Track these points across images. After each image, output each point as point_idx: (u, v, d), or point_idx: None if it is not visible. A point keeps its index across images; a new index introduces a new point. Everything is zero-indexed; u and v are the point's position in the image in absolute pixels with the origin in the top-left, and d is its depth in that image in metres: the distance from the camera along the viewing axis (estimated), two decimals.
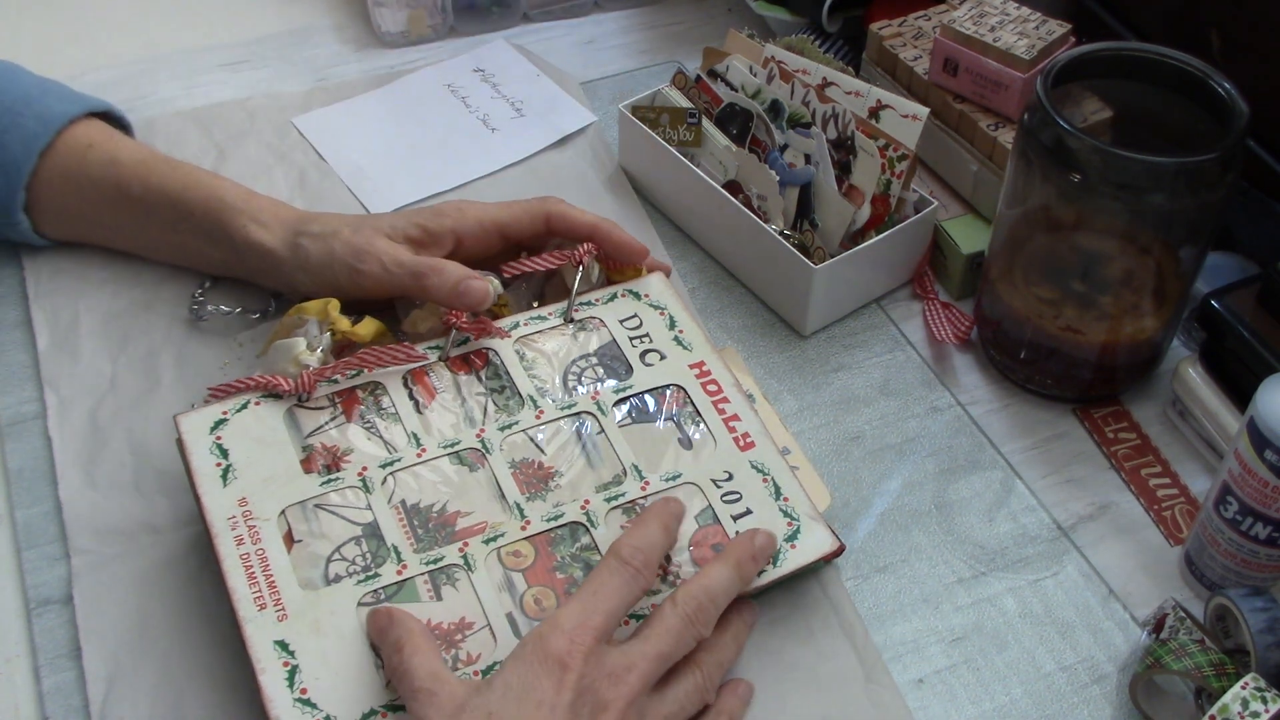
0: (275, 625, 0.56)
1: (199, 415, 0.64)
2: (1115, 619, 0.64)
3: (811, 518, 0.62)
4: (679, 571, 0.59)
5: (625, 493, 0.62)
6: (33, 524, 0.66)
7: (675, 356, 0.68)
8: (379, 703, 0.54)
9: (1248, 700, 0.54)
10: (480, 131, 0.91)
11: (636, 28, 1.04)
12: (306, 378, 0.64)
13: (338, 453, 0.63)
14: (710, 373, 0.67)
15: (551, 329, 0.69)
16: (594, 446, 0.64)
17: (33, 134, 0.73)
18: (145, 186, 0.73)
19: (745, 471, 0.63)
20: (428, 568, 0.59)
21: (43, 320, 0.76)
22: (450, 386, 0.66)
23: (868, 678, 0.61)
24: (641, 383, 0.67)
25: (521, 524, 0.61)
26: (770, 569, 0.60)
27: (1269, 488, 0.58)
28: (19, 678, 0.60)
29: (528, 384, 0.66)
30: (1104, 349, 0.72)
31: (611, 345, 0.69)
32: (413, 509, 0.61)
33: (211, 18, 1.02)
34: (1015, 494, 0.70)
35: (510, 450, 0.63)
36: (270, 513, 0.60)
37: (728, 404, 0.66)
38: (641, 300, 0.71)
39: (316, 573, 0.58)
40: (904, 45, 0.86)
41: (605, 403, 0.66)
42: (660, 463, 0.64)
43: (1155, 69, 0.68)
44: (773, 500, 0.62)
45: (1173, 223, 0.69)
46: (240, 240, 0.72)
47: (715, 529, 0.61)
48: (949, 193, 0.83)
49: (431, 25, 1.00)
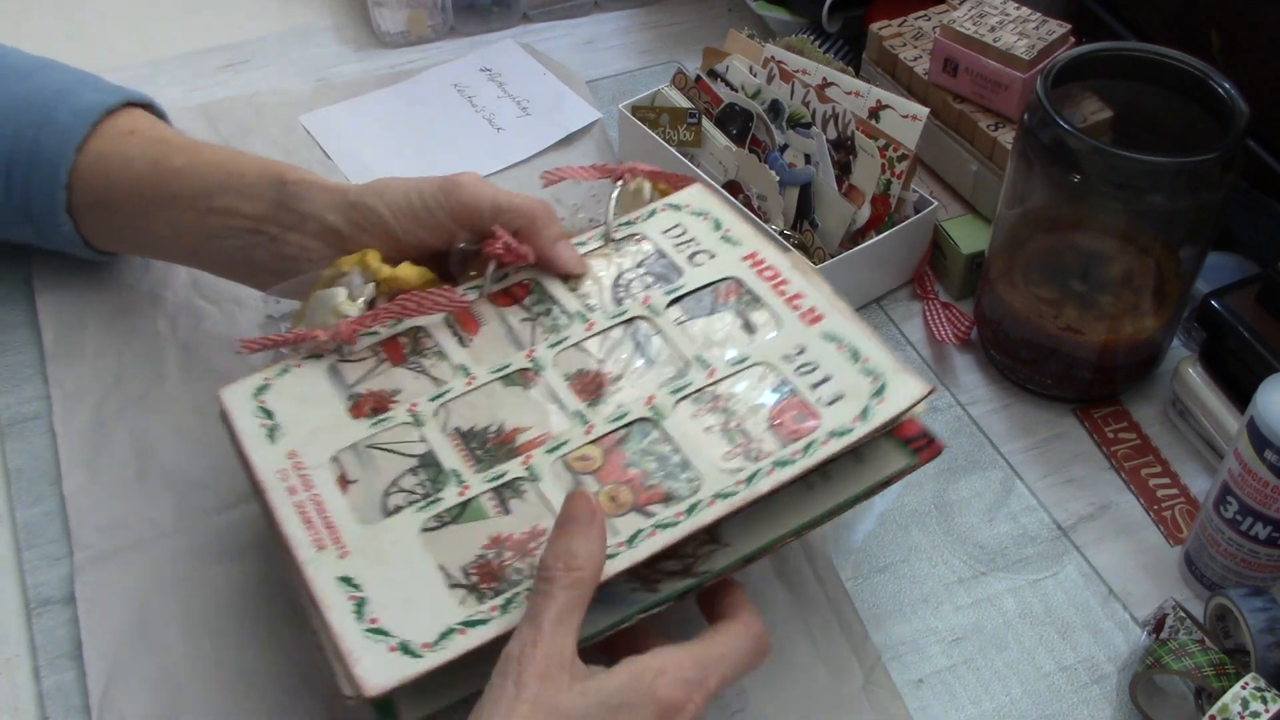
0: (337, 562, 0.53)
1: (240, 385, 0.61)
2: (1115, 619, 0.64)
3: (895, 370, 0.57)
4: (760, 447, 0.55)
5: (691, 383, 0.58)
6: (33, 524, 0.66)
7: (725, 253, 0.64)
8: (455, 620, 0.51)
9: (1248, 700, 0.54)
10: (486, 130, 0.91)
11: (636, 28, 1.04)
12: (345, 327, 0.61)
13: (385, 395, 0.60)
14: (765, 260, 0.63)
15: (592, 251, 0.66)
16: (651, 347, 0.60)
17: (69, 129, 0.70)
18: (191, 158, 0.69)
19: (817, 343, 0.59)
20: (491, 484, 0.56)
21: (48, 316, 0.76)
22: (494, 318, 0.63)
23: (867, 678, 0.61)
24: (692, 280, 0.63)
25: (584, 429, 0.57)
26: (860, 423, 0.55)
27: (1269, 488, 0.58)
28: (19, 678, 0.60)
29: (574, 302, 0.63)
30: (1104, 349, 0.72)
31: (657, 255, 0.65)
32: (469, 434, 0.58)
33: (212, 18, 1.02)
34: (1015, 494, 0.70)
35: (563, 364, 0.60)
36: (321, 459, 0.57)
37: (787, 284, 0.62)
38: (682, 210, 0.67)
39: (375, 508, 0.55)
40: (904, 45, 0.86)
41: (658, 305, 0.62)
42: (724, 351, 0.60)
43: (1155, 69, 0.68)
44: (851, 363, 0.58)
45: (1173, 223, 0.68)
46: (295, 180, 0.66)
47: (793, 400, 0.57)
48: (949, 193, 0.83)
49: (431, 25, 1.00)
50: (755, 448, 0.55)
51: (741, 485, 0.53)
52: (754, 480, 0.54)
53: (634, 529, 0.53)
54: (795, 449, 0.54)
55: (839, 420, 0.55)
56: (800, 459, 0.54)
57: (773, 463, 0.54)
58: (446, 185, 0.64)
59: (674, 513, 0.53)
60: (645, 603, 0.53)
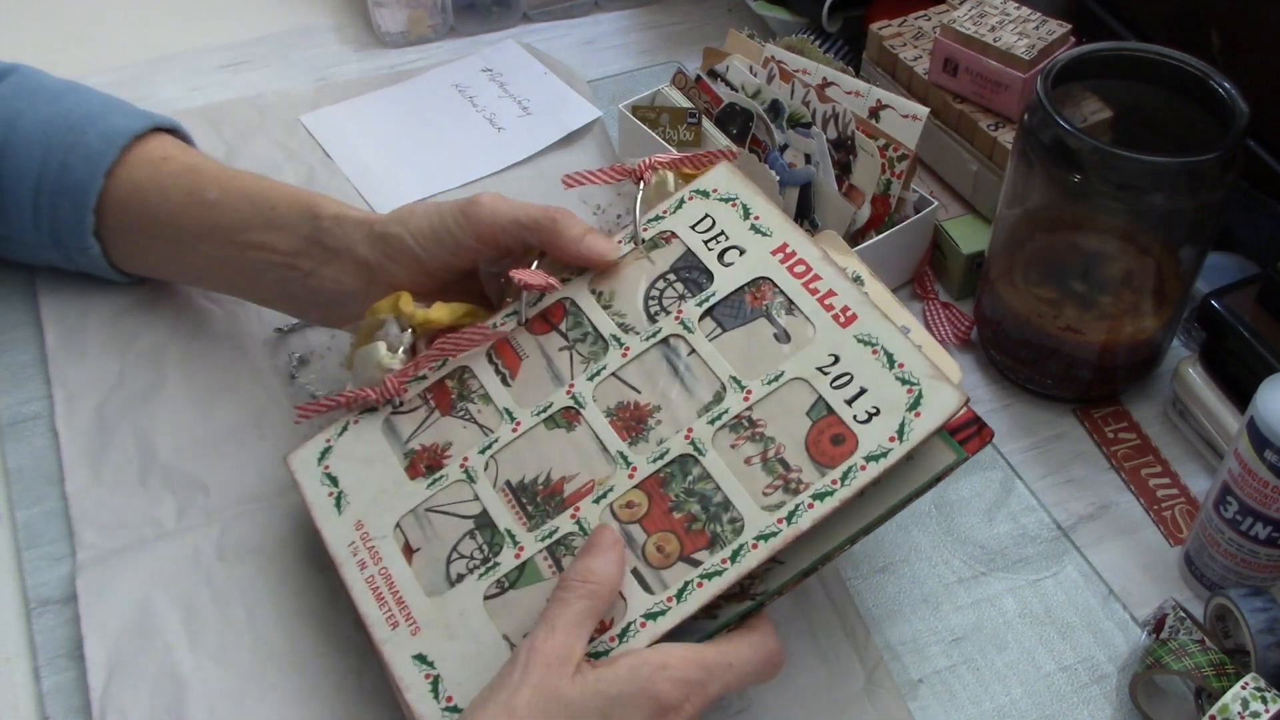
0: (410, 640, 0.56)
1: (305, 450, 0.63)
2: (1115, 619, 0.64)
3: (933, 377, 0.56)
4: (799, 477, 0.55)
5: (728, 409, 0.58)
6: (33, 524, 0.66)
7: (755, 247, 0.63)
8: None
9: (1248, 700, 0.54)
10: (487, 130, 0.91)
11: (636, 28, 1.04)
12: (391, 383, 0.63)
13: (438, 450, 0.62)
14: (795, 253, 0.62)
15: (623, 257, 0.65)
16: (687, 369, 0.60)
17: (98, 153, 0.70)
18: (223, 189, 0.70)
19: (851, 348, 0.58)
20: (544, 543, 0.57)
21: (51, 316, 0.76)
22: (534, 350, 0.63)
23: (869, 679, 0.61)
24: (724, 286, 0.62)
25: (628, 472, 0.58)
26: (897, 444, 0.55)
27: (1269, 488, 0.58)
28: (19, 678, 0.60)
29: (608, 324, 0.63)
30: (1104, 349, 0.72)
31: (687, 255, 0.64)
32: (519, 487, 0.59)
33: (211, 18, 1.02)
34: (1015, 494, 0.70)
35: (603, 398, 0.60)
36: (386, 529, 0.60)
37: (819, 281, 0.61)
38: (710, 197, 0.65)
39: (439, 576, 0.58)
40: (904, 45, 0.86)
41: (690, 319, 0.61)
42: (759, 366, 0.59)
43: (1155, 69, 0.68)
44: (886, 370, 0.57)
45: (1173, 223, 0.68)
46: (328, 216, 0.67)
47: (830, 419, 0.56)
48: (949, 193, 0.83)
49: (431, 25, 1.00)
50: (795, 478, 0.55)
51: (783, 524, 0.54)
52: (795, 518, 0.54)
53: (681, 581, 0.54)
54: (833, 477, 0.55)
55: (876, 440, 0.55)
56: (839, 489, 0.54)
57: (812, 496, 0.55)
58: (466, 208, 0.64)
59: (719, 560, 0.54)
60: (706, 630, 0.54)
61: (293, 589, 0.63)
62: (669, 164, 0.67)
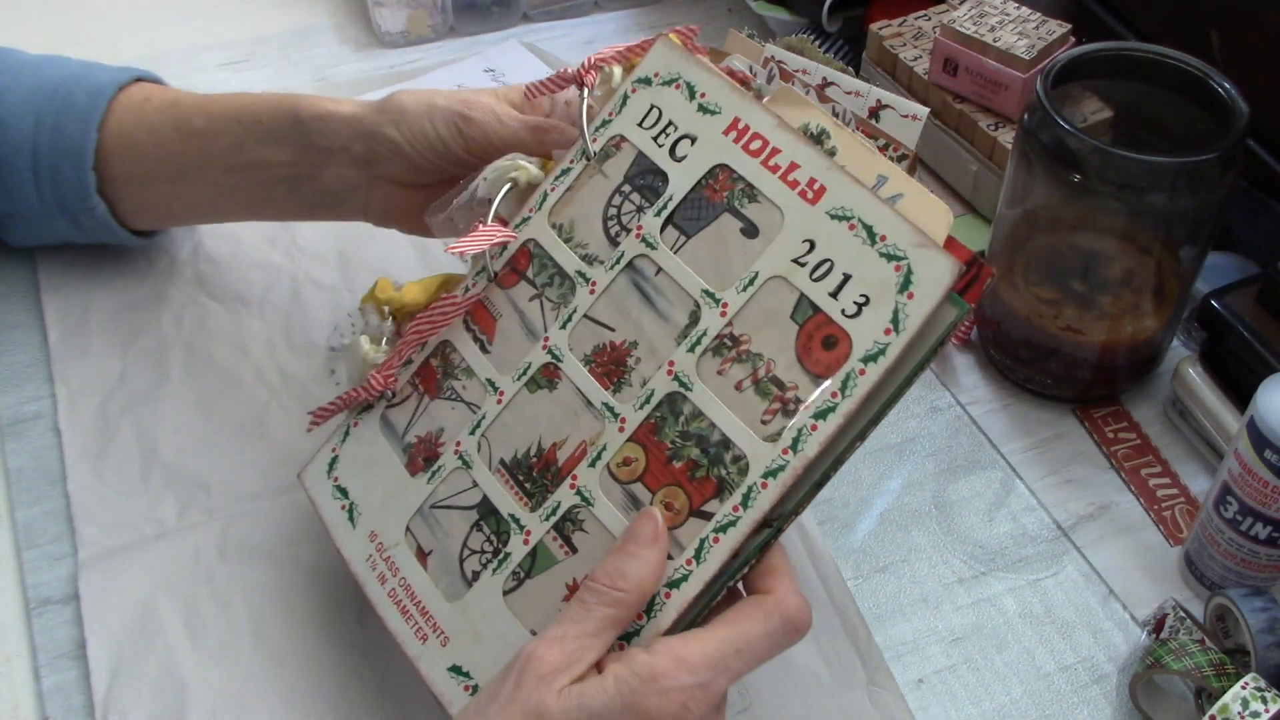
0: (442, 652, 0.54)
1: (315, 465, 0.62)
2: (1115, 619, 0.64)
3: (919, 245, 0.50)
4: (796, 395, 0.50)
5: (706, 329, 0.53)
6: (33, 524, 0.66)
7: (705, 131, 0.57)
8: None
9: (1248, 700, 0.54)
10: None
11: (636, 28, 1.04)
12: (376, 379, 0.60)
13: (432, 439, 0.59)
14: (748, 128, 0.56)
15: (578, 178, 0.60)
16: (657, 292, 0.55)
17: (87, 109, 0.71)
18: (208, 115, 0.70)
19: (826, 228, 0.52)
20: (549, 522, 0.54)
21: (54, 314, 0.76)
22: (506, 306, 0.59)
23: (870, 679, 0.61)
24: (680, 186, 0.56)
25: (617, 425, 0.54)
26: (894, 336, 0.49)
27: (1269, 488, 0.58)
28: (19, 677, 0.60)
29: (571, 260, 0.58)
30: (1104, 349, 0.72)
31: (639, 159, 0.58)
32: (513, 465, 0.56)
33: (211, 17, 1.02)
34: (1015, 494, 0.70)
35: (579, 345, 0.56)
36: (397, 536, 0.58)
37: (779, 155, 0.54)
38: (653, 84, 0.59)
39: (455, 578, 0.56)
40: (904, 45, 0.86)
41: (651, 233, 0.56)
42: (730, 271, 0.54)
43: (1155, 69, 0.68)
44: (868, 246, 0.51)
45: (1173, 223, 0.69)
46: (311, 116, 0.66)
47: (819, 319, 0.51)
48: (949, 193, 0.83)
49: (431, 25, 1.00)
50: (792, 396, 0.51)
51: (789, 454, 0.50)
52: (799, 444, 0.50)
53: (696, 539, 0.51)
54: (832, 389, 0.50)
55: (870, 336, 0.50)
56: (840, 402, 0.50)
57: (813, 416, 0.50)
58: (462, 123, 0.63)
59: (730, 508, 0.50)
60: (730, 569, 0.50)
61: (294, 588, 0.63)
62: (614, 57, 0.61)
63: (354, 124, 0.66)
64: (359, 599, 0.59)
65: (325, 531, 0.60)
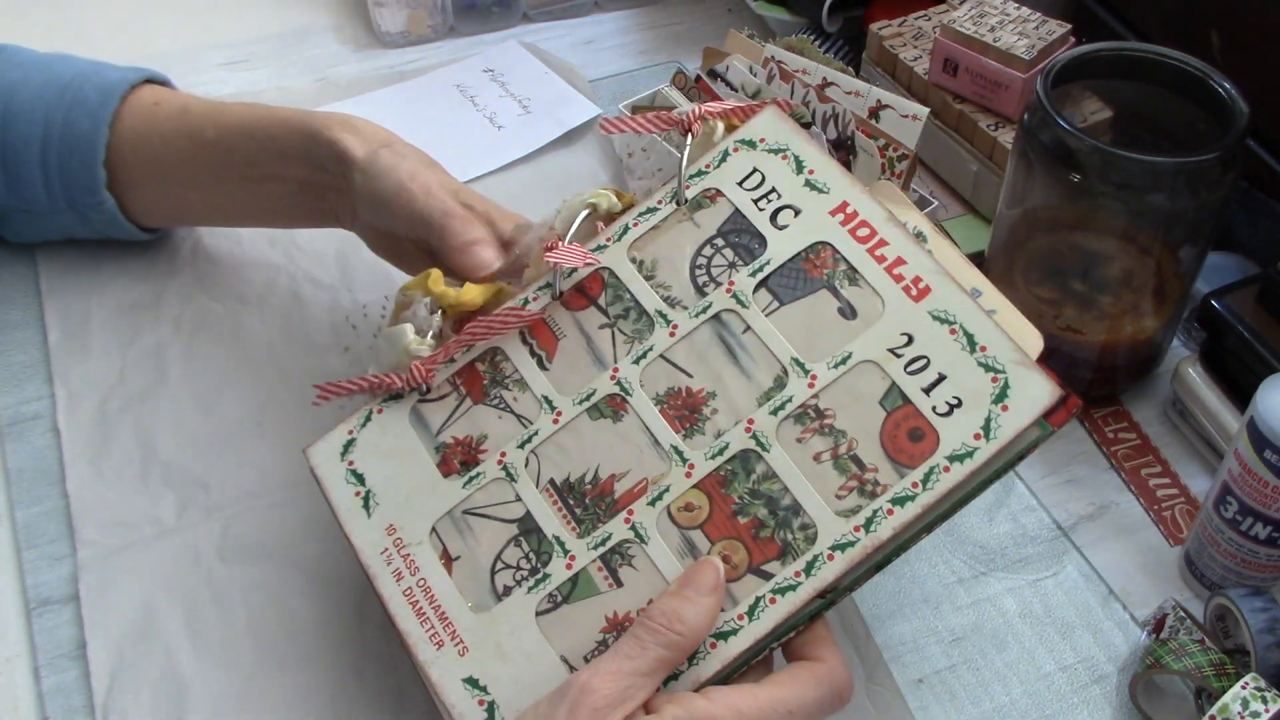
0: (459, 661, 0.52)
1: (327, 443, 0.59)
2: (1115, 619, 0.64)
3: (1020, 364, 0.50)
4: (876, 478, 0.51)
5: (791, 397, 0.53)
6: (33, 524, 0.66)
7: (811, 206, 0.57)
8: None
9: (1248, 700, 0.54)
10: (486, 128, 0.92)
11: (636, 28, 1.04)
12: (418, 369, 0.58)
13: (472, 444, 0.57)
14: (857, 213, 0.56)
15: (665, 220, 0.59)
16: (743, 350, 0.55)
17: (98, 105, 0.71)
18: (219, 127, 0.70)
19: (926, 326, 0.52)
20: (597, 551, 0.53)
21: (54, 314, 0.76)
22: (572, 328, 0.58)
23: (869, 678, 0.61)
24: (779, 253, 0.56)
25: (685, 470, 0.53)
26: (984, 443, 0.50)
27: (1269, 488, 0.58)
28: (19, 677, 0.60)
29: (652, 298, 0.57)
30: (1104, 349, 0.72)
31: (735, 216, 0.58)
32: (564, 486, 0.55)
33: (211, 17, 1.02)
34: (1015, 494, 0.70)
35: (651, 383, 0.56)
36: (421, 534, 0.55)
37: (885, 246, 0.55)
38: (758, 149, 0.59)
39: (484, 589, 0.54)
40: (904, 45, 0.86)
41: (743, 291, 0.56)
42: (823, 345, 0.54)
43: (1155, 69, 0.68)
44: (966, 354, 0.51)
45: (1173, 223, 0.68)
46: (325, 141, 0.67)
47: (907, 410, 0.51)
48: (949, 193, 0.83)
49: (431, 25, 1.00)
50: (871, 479, 0.51)
51: (860, 532, 0.50)
52: (873, 525, 0.50)
53: (753, 597, 0.50)
54: (914, 480, 0.50)
55: (959, 437, 0.50)
56: (920, 494, 0.50)
57: (890, 500, 0.50)
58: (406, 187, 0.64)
59: (792, 572, 0.50)
60: (779, 631, 0.50)
61: (293, 588, 0.63)
62: (720, 114, 0.61)
63: (354, 167, 0.66)
64: (359, 599, 0.59)
65: (332, 514, 0.58)
